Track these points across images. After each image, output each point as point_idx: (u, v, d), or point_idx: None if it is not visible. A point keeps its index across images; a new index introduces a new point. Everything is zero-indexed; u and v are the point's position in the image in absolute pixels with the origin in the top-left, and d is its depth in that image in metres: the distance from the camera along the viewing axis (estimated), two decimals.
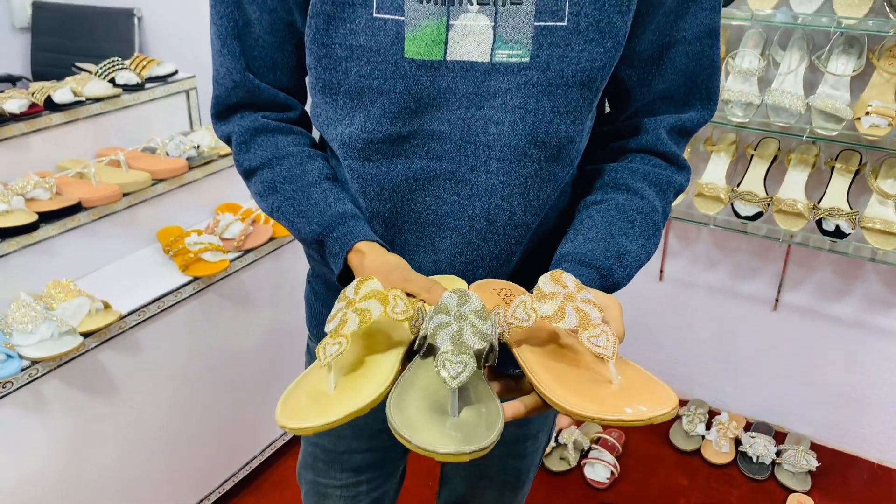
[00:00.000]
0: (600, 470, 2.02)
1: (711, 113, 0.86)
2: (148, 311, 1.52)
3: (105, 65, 1.83)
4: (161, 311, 1.55)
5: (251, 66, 0.84)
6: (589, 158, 0.89)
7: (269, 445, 1.98)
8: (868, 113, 1.67)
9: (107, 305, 1.46)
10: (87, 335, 1.39)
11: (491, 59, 0.74)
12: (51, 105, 1.65)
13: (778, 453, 2.08)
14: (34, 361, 1.32)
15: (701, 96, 0.84)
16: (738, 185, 1.91)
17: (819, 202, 1.82)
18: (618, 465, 2.04)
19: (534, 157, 0.78)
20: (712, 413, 2.27)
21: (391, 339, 0.70)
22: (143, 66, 1.90)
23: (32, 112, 1.61)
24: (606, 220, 0.81)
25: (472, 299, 0.66)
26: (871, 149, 1.76)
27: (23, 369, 1.30)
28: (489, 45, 0.74)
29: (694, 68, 0.82)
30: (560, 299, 0.65)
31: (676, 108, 0.85)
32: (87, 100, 1.72)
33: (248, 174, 0.87)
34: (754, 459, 2.06)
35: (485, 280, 0.82)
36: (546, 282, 0.67)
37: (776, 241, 1.96)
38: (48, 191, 1.54)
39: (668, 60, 0.81)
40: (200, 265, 1.64)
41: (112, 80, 1.81)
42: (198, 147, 1.84)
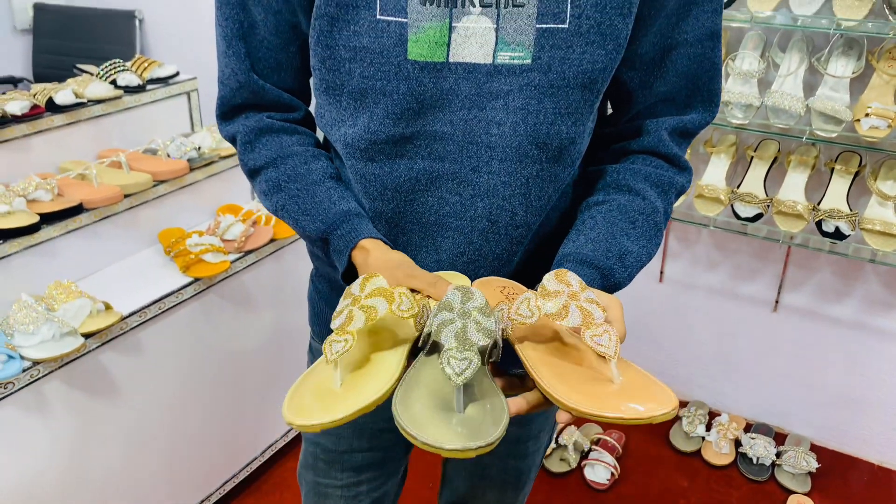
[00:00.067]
0: (600, 471, 2.02)
1: (713, 115, 0.86)
2: (149, 312, 1.52)
3: (106, 66, 1.83)
4: (162, 313, 1.55)
5: (256, 68, 0.84)
6: (591, 160, 0.89)
7: (269, 446, 1.98)
8: (867, 114, 1.68)
9: (108, 306, 1.47)
10: (88, 336, 1.40)
11: (493, 61, 0.75)
12: (52, 107, 1.65)
13: (778, 454, 2.08)
14: (35, 362, 1.32)
15: (702, 98, 0.85)
16: (738, 187, 1.91)
17: (819, 204, 1.83)
18: (618, 466, 2.04)
19: (535, 158, 0.79)
20: (712, 414, 2.27)
21: (396, 335, 0.71)
22: (145, 68, 1.90)
23: (34, 114, 1.61)
24: (608, 220, 0.81)
25: (475, 296, 0.67)
26: (871, 150, 1.76)
27: (24, 370, 1.30)
28: (491, 47, 0.74)
29: (695, 70, 0.82)
30: (564, 298, 0.66)
31: (678, 109, 0.85)
32: (89, 101, 1.73)
33: (252, 173, 0.88)
34: (754, 461, 2.06)
35: (487, 278, 0.82)
36: (550, 280, 0.67)
37: (776, 242, 1.97)
38: (50, 192, 1.54)
39: (669, 63, 0.81)
40: (201, 266, 1.64)
41: (113, 82, 1.81)
42: (199, 148, 1.84)
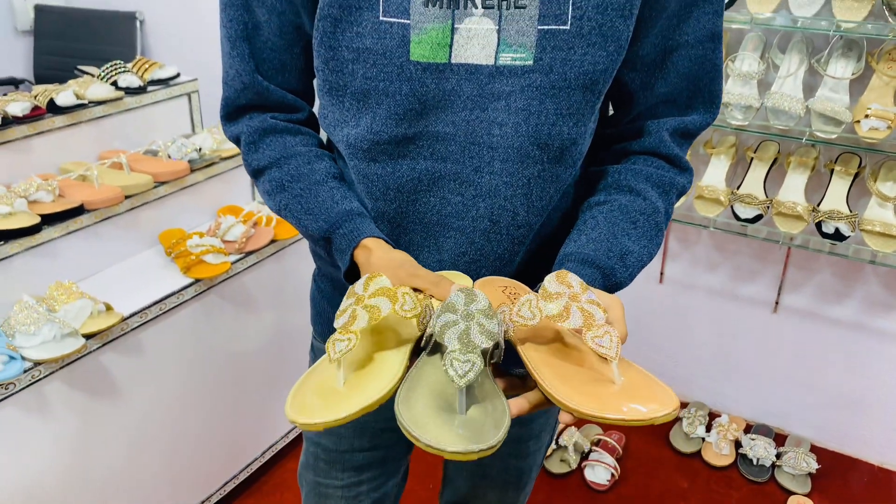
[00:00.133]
0: (600, 472, 2.02)
1: (714, 116, 0.87)
2: (150, 312, 1.52)
3: (107, 68, 1.83)
4: (163, 313, 1.56)
5: (260, 69, 0.85)
6: (592, 160, 0.90)
7: (270, 447, 1.98)
8: (867, 116, 1.68)
9: (109, 307, 1.47)
10: (89, 337, 1.40)
11: (495, 62, 0.75)
12: (53, 108, 1.65)
13: (778, 455, 2.08)
14: (37, 363, 1.32)
15: (703, 99, 0.85)
16: (738, 188, 1.91)
17: (819, 205, 1.83)
18: (618, 467, 2.04)
19: (537, 159, 0.79)
20: (712, 415, 2.28)
21: (399, 335, 0.71)
22: (146, 69, 1.90)
23: (35, 115, 1.61)
24: (609, 220, 0.81)
25: (478, 298, 0.67)
26: (871, 151, 1.77)
27: (25, 371, 1.31)
28: (493, 49, 0.74)
29: (697, 72, 0.83)
30: (565, 299, 0.66)
31: (679, 111, 0.85)
32: (90, 103, 1.73)
33: (256, 173, 0.88)
34: (754, 461, 2.06)
35: (489, 277, 0.82)
36: (551, 281, 0.67)
37: (776, 243, 1.97)
38: (51, 193, 1.54)
39: (670, 64, 0.82)
40: (202, 267, 1.64)
41: (114, 83, 1.81)
42: (199, 150, 1.84)
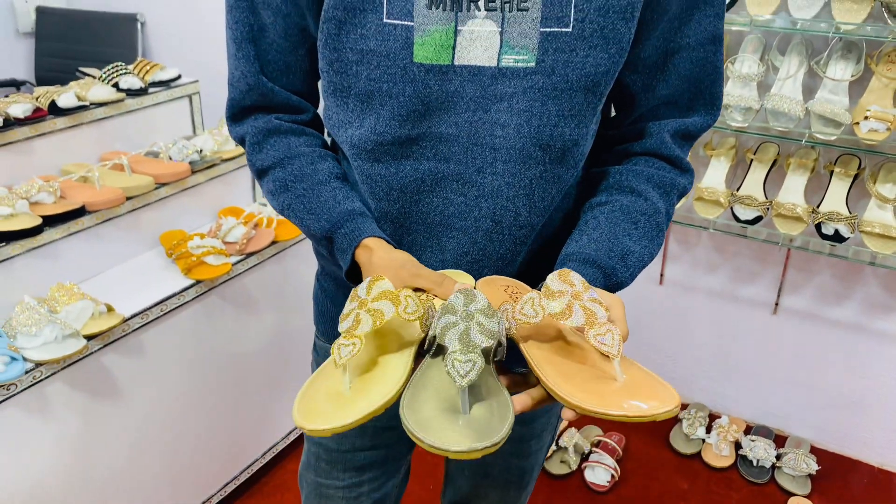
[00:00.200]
0: (601, 473, 2.02)
1: (715, 118, 0.87)
2: (151, 314, 1.53)
3: (109, 69, 1.84)
4: (164, 315, 1.56)
5: (265, 70, 0.85)
6: (594, 161, 0.90)
7: (270, 448, 1.98)
8: (867, 117, 1.68)
9: (110, 308, 1.47)
10: (90, 338, 1.40)
11: (498, 64, 0.75)
12: (55, 109, 1.66)
13: (778, 457, 2.09)
14: (38, 364, 1.32)
15: (705, 101, 0.86)
16: (738, 190, 1.92)
17: (818, 206, 1.83)
18: (618, 468, 2.04)
19: (539, 160, 0.79)
20: (712, 416, 2.28)
21: (402, 337, 0.72)
22: (147, 71, 1.91)
23: (36, 116, 1.62)
24: (611, 220, 0.82)
25: (478, 298, 0.67)
26: (870, 153, 1.77)
27: (27, 372, 1.31)
28: (496, 50, 0.75)
29: (698, 74, 0.83)
30: (567, 297, 0.66)
31: (680, 112, 0.86)
32: (91, 104, 1.73)
33: (260, 173, 0.89)
34: (754, 463, 2.06)
35: (491, 277, 0.83)
36: (554, 280, 0.68)
37: (776, 245, 1.97)
38: (52, 195, 1.55)
39: (672, 66, 0.82)
40: (203, 268, 1.64)
41: (115, 85, 1.82)
42: (200, 151, 1.85)
